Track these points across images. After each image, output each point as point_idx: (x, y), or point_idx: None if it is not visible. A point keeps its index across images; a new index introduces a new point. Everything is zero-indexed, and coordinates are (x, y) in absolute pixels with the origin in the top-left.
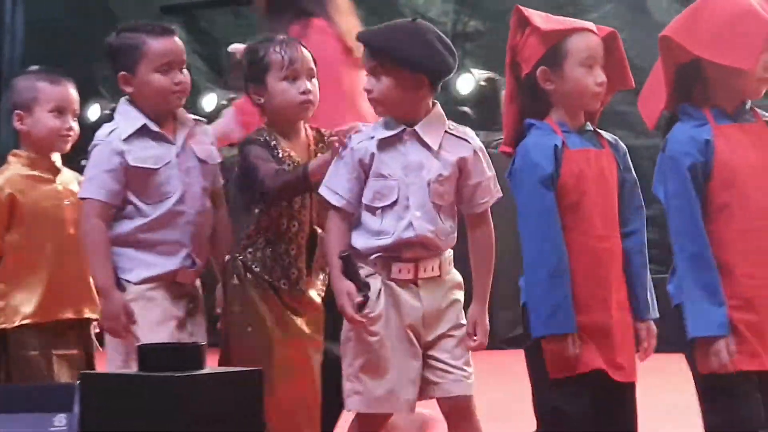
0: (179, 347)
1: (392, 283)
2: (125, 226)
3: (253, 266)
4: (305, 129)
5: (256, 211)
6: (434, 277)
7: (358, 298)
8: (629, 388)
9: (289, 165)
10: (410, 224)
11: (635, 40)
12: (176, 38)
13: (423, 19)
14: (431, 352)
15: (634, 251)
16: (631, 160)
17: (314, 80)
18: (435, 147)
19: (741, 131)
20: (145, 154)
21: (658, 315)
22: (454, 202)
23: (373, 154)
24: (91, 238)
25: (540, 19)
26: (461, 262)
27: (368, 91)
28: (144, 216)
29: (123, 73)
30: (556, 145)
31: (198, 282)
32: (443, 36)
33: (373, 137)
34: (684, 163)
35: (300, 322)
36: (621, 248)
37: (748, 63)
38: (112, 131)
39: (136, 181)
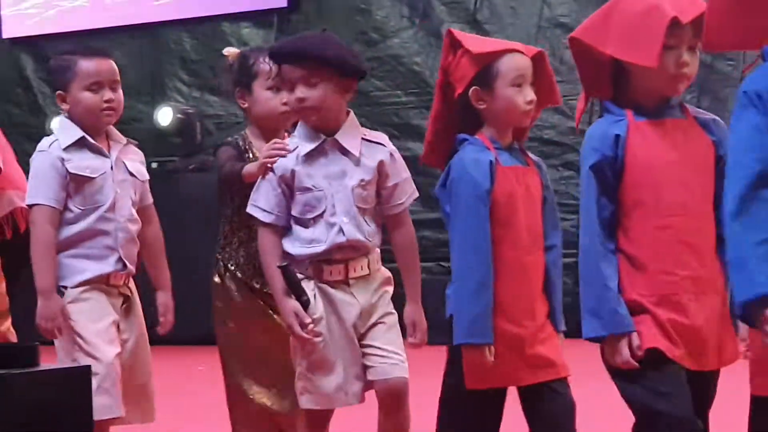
0: (12, 346)
1: (325, 285)
2: (62, 233)
3: (229, 264)
4: (286, 136)
5: (228, 211)
6: (364, 275)
7: (307, 319)
8: (562, 384)
9: None
10: (341, 230)
11: (434, 61)
12: (108, 59)
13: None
14: (366, 341)
15: (550, 265)
16: None
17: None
18: (357, 154)
19: (662, 127)
20: (83, 163)
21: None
22: (376, 204)
23: (293, 170)
24: (41, 244)
25: (471, 41)
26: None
27: (301, 100)
28: (77, 223)
29: (59, 91)
30: (491, 161)
31: (132, 284)
32: None
33: (294, 152)
34: (588, 161)
35: (278, 318)
36: (544, 261)
37: (650, 60)
38: (52, 143)
39: (73, 188)
